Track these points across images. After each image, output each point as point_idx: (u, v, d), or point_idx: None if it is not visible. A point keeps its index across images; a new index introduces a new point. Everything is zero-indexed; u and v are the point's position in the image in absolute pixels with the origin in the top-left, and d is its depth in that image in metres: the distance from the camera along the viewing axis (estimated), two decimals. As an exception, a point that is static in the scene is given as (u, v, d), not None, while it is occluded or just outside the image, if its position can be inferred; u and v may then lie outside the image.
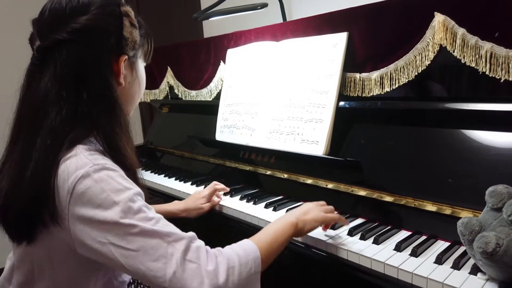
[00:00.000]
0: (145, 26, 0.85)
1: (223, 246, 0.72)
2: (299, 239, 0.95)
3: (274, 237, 0.78)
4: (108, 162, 0.70)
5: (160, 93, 1.90)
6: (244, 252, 0.70)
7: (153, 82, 1.90)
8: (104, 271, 0.76)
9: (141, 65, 0.86)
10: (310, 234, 0.92)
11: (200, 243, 0.69)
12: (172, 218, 1.16)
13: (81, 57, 0.72)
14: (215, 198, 1.21)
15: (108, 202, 0.65)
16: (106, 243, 0.65)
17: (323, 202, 0.95)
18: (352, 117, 1.11)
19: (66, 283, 0.73)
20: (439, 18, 0.91)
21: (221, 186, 1.23)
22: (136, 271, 0.65)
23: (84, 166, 0.66)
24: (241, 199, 1.20)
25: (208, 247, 0.69)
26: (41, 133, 0.70)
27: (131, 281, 0.89)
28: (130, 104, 0.87)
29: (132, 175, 0.74)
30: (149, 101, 1.98)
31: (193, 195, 1.22)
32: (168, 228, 0.67)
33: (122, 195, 0.66)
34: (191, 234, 0.69)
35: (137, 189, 0.70)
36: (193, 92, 1.70)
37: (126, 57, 0.77)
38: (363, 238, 0.89)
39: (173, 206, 1.18)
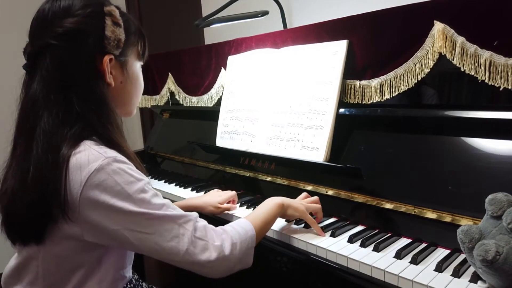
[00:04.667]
0: (136, 24, 0.85)
1: None
2: (299, 246, 0.95)
3: (265, 216, 0.90)
4: (117, 154, 0.73)
5: (161, 99, 1.91)
6: (244, 230, 0.82)
7: (154, 88, 1.91)
8: (106, 264, 0.79)
9: (134, 64, 0.85)
10: (310, 241, 0.93)
11: (204, 222, 0.79)
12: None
13: (64, 60, 0.74)
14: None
15: (122, 194, 0.70)
16: (121, 229, 0.71)
17: (305, 195, 1.04)
18: (352, 124, 1.12)
19: (73, 275, 0.75)
20: (438, 26, 0.91)
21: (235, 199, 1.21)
22: (150, 251, 0.73)
23: (96, 160, 0.69)
24: (241, 205, 1.20)
25: (212, 226, 0.79)
26: (36, 136, 0.72)
27: (131, 278, 0.89)
28: (128, 104, 0.87)
29: (136, 166, 0.77)
30: (149, 106, 1.99)
31: (211, 192, 1.22)
32: (177, 212, 0.75)
33: (134, 186, 0.71)
34: (195, 214, 0.79)
35: (146, 179, 0.75)
36: (194, 98, 1.71)
37: (111, 56, 0.78)
38: (363, 245, 0.89)
39: (189, 201, 1.18)
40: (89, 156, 0.70)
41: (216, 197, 1.17)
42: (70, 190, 0.69)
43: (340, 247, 0.89)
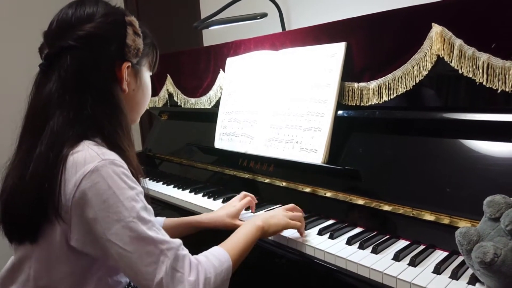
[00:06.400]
0: (151, 36, 0.89)
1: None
2: (297, 247, 0.95)
3: (244, 242, 0.85)
4: (116, 157, 0.73)
5: (159, 100, 1.91)
6: (219, 262, 0.77)
7: (152, 89, 1.90)
8: (98, 269, 0.78)
9: (145, 74, 0.89)
10: (308, 243, 0.92)
11: (185, 251, 0.74)
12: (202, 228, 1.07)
13: (84, 63, 0.76)
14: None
15: (113, 199, 0.69)
16: (104, 238, 0.69)
17: (291, 206, 1.00)
18: (351, 126, 1.12)
19: (63, 280, 0.75)
20: (436, 29, 0.92)
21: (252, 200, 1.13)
22: (127, 270, 0.70)
23: (92, 161, 0.69)
24: (239, 207, 1.20)
25: (191, 256, 0.75)
26: (44, 134, 0.73)
27: (128, 282, 0.88)
28: (136, 112, 0.90)
29: (134, 173, 0.77)
30: (148, 108, 1.99)
31: (225, 205, 1.12)
32: (161, 235, 0.72)
33: (126, 193, 0.70)
34: (179, 241, 0.74)
35: (139, 188, 0.74)
36: (193, 100, 1.71)
37: (129, 64, 0.81)
38: (361, 247, 0.89)
39: (201, 218, 1.10)
40: (85, 157, 0.70)
41: (229, 208, 1.08)
42: (64, 190, 0.69)
43: (338, 249, 0.89)
